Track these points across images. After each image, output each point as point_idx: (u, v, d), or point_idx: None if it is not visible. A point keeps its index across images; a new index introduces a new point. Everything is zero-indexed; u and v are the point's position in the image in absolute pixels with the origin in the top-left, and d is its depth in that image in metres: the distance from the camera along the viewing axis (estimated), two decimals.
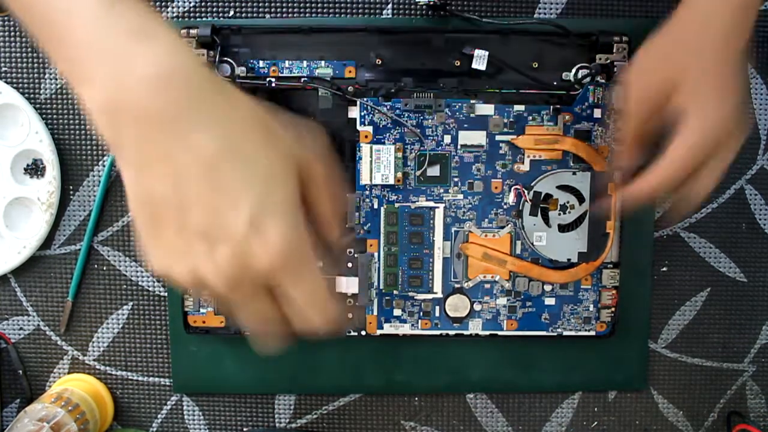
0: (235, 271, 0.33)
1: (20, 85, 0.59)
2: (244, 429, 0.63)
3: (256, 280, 0.34)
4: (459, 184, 0.58)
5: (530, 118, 0.57)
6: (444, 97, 0.57)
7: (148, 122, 0.33)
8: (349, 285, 0.59)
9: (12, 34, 0.59)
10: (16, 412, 0.62)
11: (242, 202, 0.33)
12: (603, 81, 0.56)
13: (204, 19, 0.59)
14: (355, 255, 0.58)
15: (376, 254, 0.58)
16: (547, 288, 0.59)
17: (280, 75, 0.57)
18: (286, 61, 0.57)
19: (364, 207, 0.58)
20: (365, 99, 0.57)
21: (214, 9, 0.59)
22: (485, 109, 0.57)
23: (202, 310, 0.59)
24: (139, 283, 0.61)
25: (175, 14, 0.58)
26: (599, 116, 0.57)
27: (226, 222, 0.33)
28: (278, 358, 0.61)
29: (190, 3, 0.58)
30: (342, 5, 0.59)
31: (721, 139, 0.44)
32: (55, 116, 0.59)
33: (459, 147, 0.57)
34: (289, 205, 0.34)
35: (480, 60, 0.56)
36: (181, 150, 0.33)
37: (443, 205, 0.58)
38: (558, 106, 0.57)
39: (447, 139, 0.57)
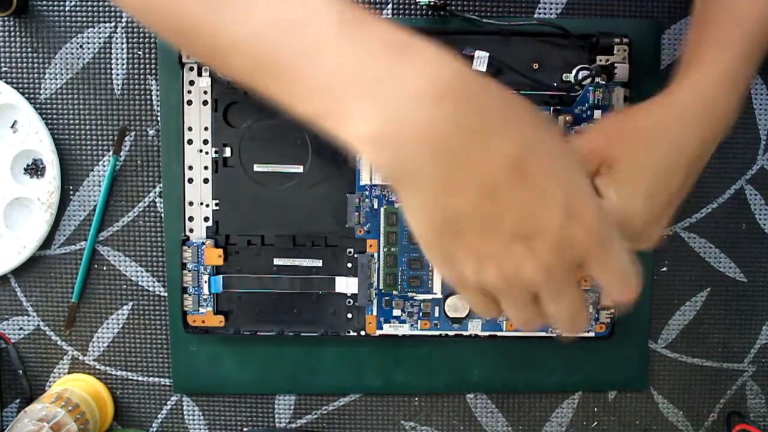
0: (556, 260, 0.32)
1: (20, 85, 0.59)
2: (244, 429, 0.63)
3: (573, 264, 0.33)
4: None
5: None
6: None
7: (437, 139, 0.30)
8: (348, 285, 0.59)
9: (12, 34, 0.59)
10: (16, 412, 0.62)
11: (553, 192, 0.32)
12: (603, 82, 0.56)
13: None
14: (355, 255, 0.58)
15: (375, 254, 0.58)
16: None
17: None
18: None
19: (363, 207, 0.58)
20: None
21: None
22: None
23: (201, 310, 0.59)
24: (139, 283, 0.61)
25: None
26: (599, 117, 0.57)
27: (542, 216, 0.32)
28: (278, 358, 0.61)
29: None
30: None
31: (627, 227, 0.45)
32: (55, 116, 0.59)
33: None
34: (586, 183, 0.33)
35: (480, 61, 0.56)
36: (482, 158, 0.31)
37: None
38: (558, 107, 0.57)
39: None
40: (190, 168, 0.58)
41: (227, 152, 0.58)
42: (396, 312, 0.59)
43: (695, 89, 0.45)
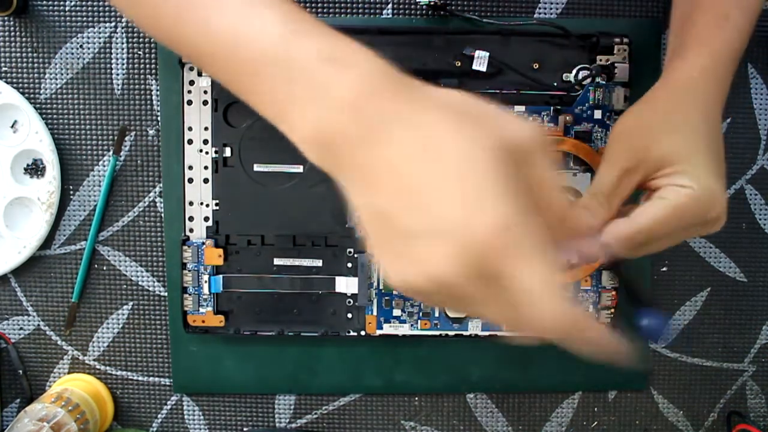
0: (460, 261, 0.31)
1: (20, 85, 0.59)
2: (244, 429, 0.63)
3: (481, 268, 0.31)
4: None
5: (531, 118, 0.57)
6: None
7: (358, 142, 0.33)
8: (348, 285, 0.59)
9: (12, 34, 0.59)
10: (16, 412, 0.62)
11: (451, 186, 0.31)
12: (603, 82, 0.56)
13: None
14: (355, 255, 0.58)
15: None
16: None
17: None
18: None
19: None
20: None
21: None
22: None
23: (201, 310, 0.59)
24: (139, 283, 0.61)
25: None
26: (600, 117, 0.57)
27: (440, 208, 0.31)
28: (278, 358, 0.61)
29: None
30: (342, 5, 0.59)
31: (706, 217, 0.43)
32: (55, 116, 0.59)
33: None
34: (499, 183, 0.31)
35: (481, 61, 0.56)
36: (392, 152, 0.32)
37: None
38: (558, 107, 0.57)
39: None
40: (190, 168, 0.58)
41: (227, 152, 0.58)
42: (396, 312, 0.59)
43: (699, 64, 0.45)
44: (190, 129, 0.57)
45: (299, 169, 0.58)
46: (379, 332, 0.59)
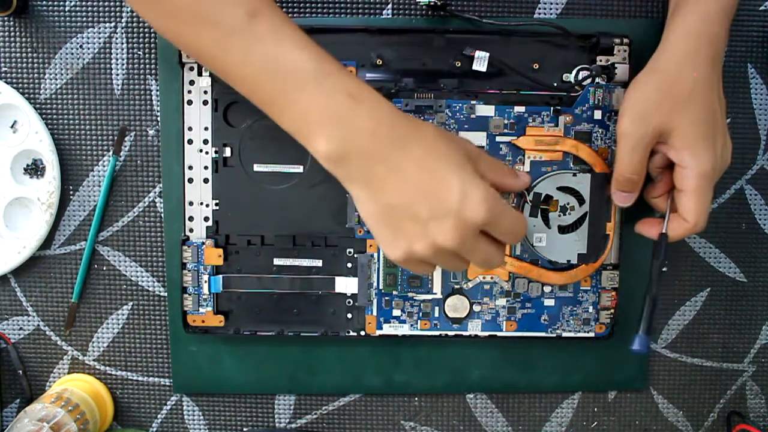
0: (460, 232, 0.44)
1: (20, 85, 0.59)
2: (244, 429, 0.63)
3: (475, 232, 0.45)
4: None
5: (531, 119, 0.57)
6: (444, 98, 0.57)
7: (373, 158, 0.45)
8: (348, 285, 0.59)
9: (12, 34, 0.59)
10: (16, 412, 0.62)
11: (452, 183, 0.44)
12: (603, 82, 0.56)
13: None
14: (355, 255, 0.58)
15: (375, 254, 0.58)
16: (547, 289, 0.59)
17: None
18: None
19: None
20: None
21: None
22: (486, 109, 0.57)
23: (201, 310, 0.59)
24: (139, 283, 0.61)
25: None
26: (600, 118, 0.57)
27: (446, 200, 0.44)
28: (278, 358, 0.61)
29: None
30: (342, 5, 0.59)
31: (716, 173, 0.51)
32: (55, 116, 0.59)
33: None
34: (476, 174, 0.46)
35: (481, 61, 0.56)
36: (402, 165, 0.45)
37: None
38: (558, 108, 0.57)
39: None
40: (190, 168, 0.58)
41: (227, 152, 0.58)
42: (396, 312, 0.59)
43: (682, 28, 0.51)
44: (190, 129, 0.57)
45: (299, 169, 0.58)
46: (378, 332, 0.59)
